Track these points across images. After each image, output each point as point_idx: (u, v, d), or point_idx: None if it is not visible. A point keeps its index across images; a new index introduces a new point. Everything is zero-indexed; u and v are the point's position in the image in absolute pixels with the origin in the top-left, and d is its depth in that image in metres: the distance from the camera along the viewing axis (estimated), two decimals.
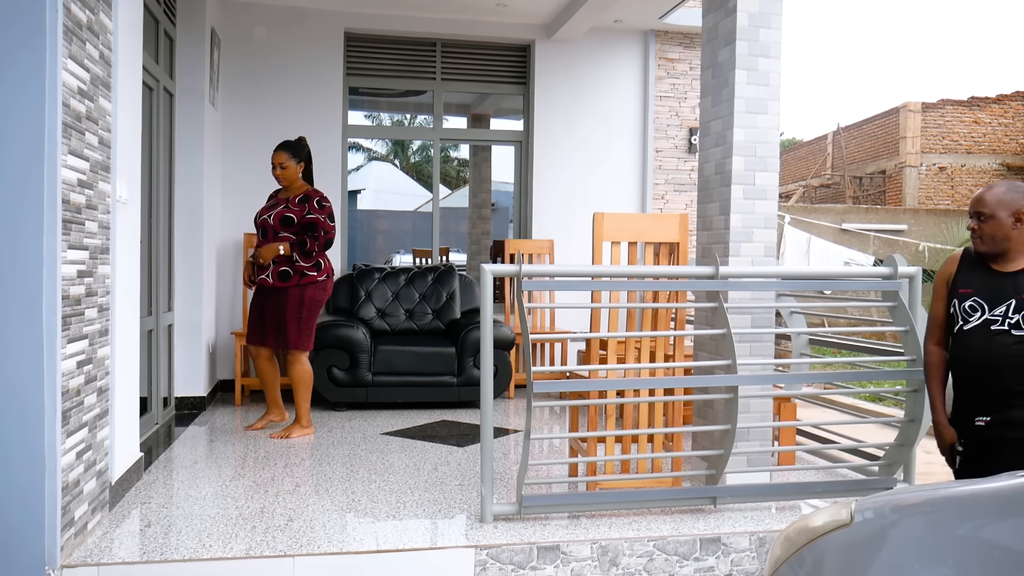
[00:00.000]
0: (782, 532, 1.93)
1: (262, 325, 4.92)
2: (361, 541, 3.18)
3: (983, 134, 18.35)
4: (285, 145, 4.97)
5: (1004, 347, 2.70)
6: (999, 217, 2.73)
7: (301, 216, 4.81)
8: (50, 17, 2.71)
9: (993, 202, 2.75)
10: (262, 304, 4.92)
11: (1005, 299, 2.72)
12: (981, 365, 2.77)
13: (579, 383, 3.74)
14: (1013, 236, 2.75)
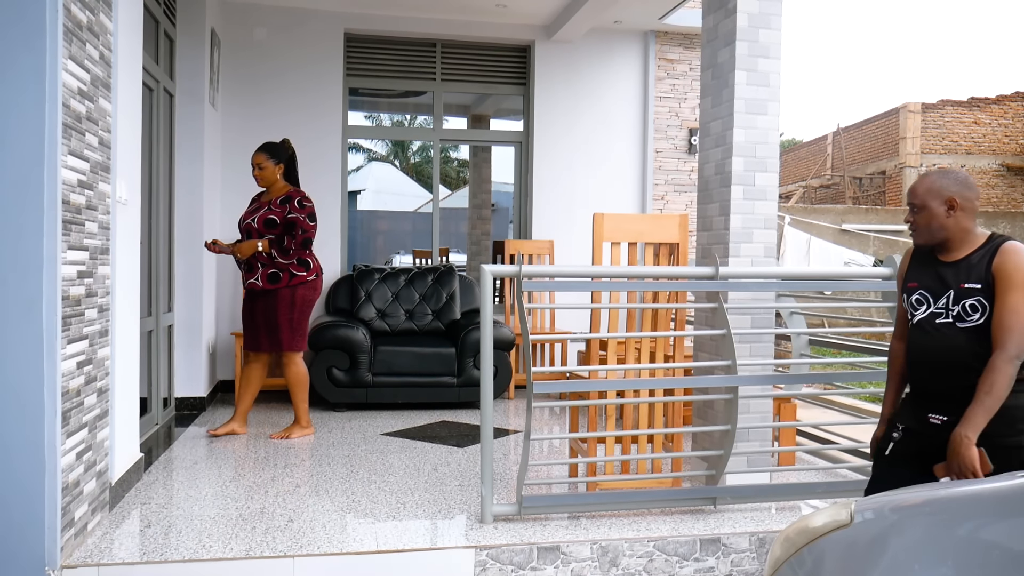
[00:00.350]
0: (782, 532, 1.93)
1: (254, 329, 4.88)
2: (361, 542, 3.18)
3: (983, 135, 18.37)
4: (265, 146, 4.94)
5: (949, 339, 2.57)
6: (931, 207, 2.60)
7: (283, 217, 4.79)
8: (50, 18, 2.71)
9: (924, 192, 2.61)
10: (252, 308, 4.88)
11: (946, 290, 2.59)
12: (928, 358, 2.63)
13: (579, 383, 3.74)
14: (949, 225, 2.59)
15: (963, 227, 2.60)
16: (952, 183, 2.60)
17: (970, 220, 2.60)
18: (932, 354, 2.60)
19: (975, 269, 2.54)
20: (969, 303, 2.54)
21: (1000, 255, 2.50)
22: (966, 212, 2.59)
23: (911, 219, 2.67)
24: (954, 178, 2.62)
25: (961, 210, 2.58)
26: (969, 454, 2.41)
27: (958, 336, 2.55)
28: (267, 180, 4.90)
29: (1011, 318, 2.45)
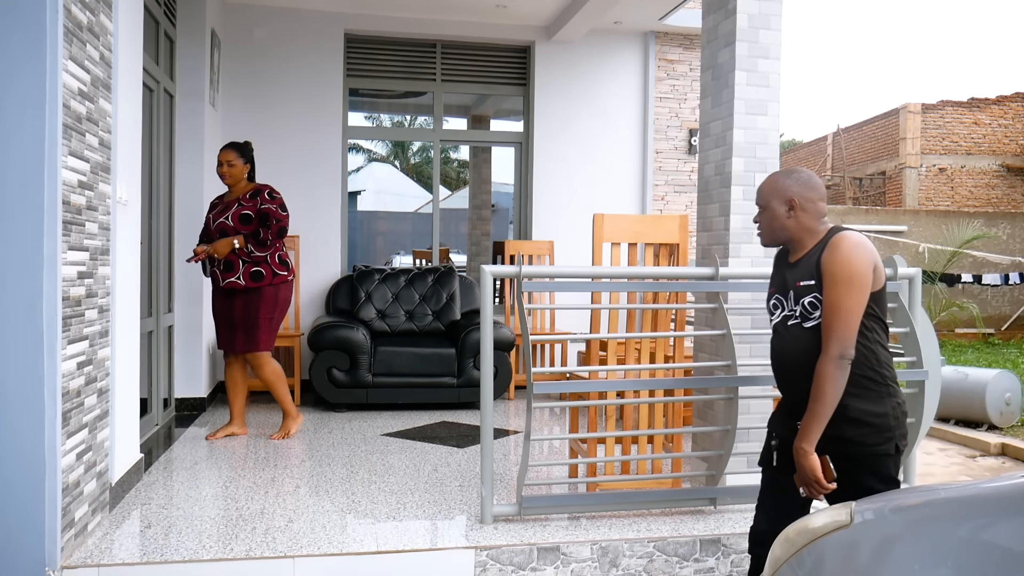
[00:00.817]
0: (782, 533, 1.93)
1: (231, 329, 4.82)
2: (361, 542, 3.18)
3: (983, 135, 18.36)
4: (233, 145, 4.89)
5: (797, 341, 2.48)
6: (773, 207, 2.53)
7: (256, 210, 4.76)
8: (51, 19, 2.71)
9: (766, 192, 2.55)
10: (229, 307, 4.80)
11: (789, 291, 2.51)
12: (783, 362, 2.55)
13: (579, 384, 3.74)
14: (790, 226, 2.52)
15: (805, 227, 2.52)
16: (793, 183, 2.53)
17: (813, 220, 2.52)
18: (785, 357, 2.54)
19: (808, 265, 2.48)
20: (807, 300, 2.45)
21: (827, 250, 2.42)
22: (807, 212, 2.51)
23: (756, 220, 2.62)
24: (796, 178, 2.54)
25: (802, 210, 2.50)
26: (808, 464, 2.35)
27: (804, 336, 2.46)
28: (235, 178, 4.84)
29: (832, 316, 2.35)
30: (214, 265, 4.78)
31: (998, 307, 14.73)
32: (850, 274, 2.36)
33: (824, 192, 2.57)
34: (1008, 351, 12.05)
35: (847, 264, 2.36)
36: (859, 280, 2.36)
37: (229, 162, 4.80)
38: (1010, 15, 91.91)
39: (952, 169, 18.23)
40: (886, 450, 2.40)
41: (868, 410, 2.39)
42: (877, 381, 2.42)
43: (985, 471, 5.96)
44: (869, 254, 2.40)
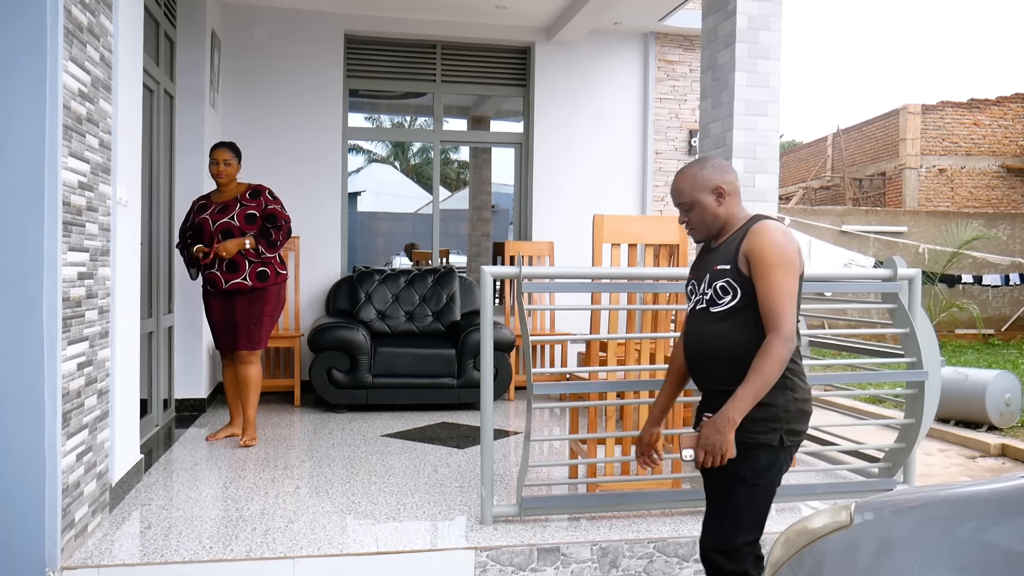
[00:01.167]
0: (782, 534, 1.93)
1: (232, 330, 4.74)
2: (361, 543, 3.18)
3: (983, 136, 18.37)
4: (227, 144, 4.79)
5: (705, 326, 2.45)
6: (702, 201, 2.48)
7: (261, 210, 4.70)
8: (51, 20, 2.71)
9: (689, 188, 2.49)
10: (230, 307, 4.72)
11: (705, 274, 2.48)
12: (693, 350, 2.51)
13: (579, 385, 3.74)
14: (722, 213, 2.49)
15: (732, 212, 2.51)
16: (714, 171, 2.50)
17: (737, 204, 2.52)
18: (694, 344, 2.50)
19: (728, 249, 2.45)
20: (720, 284, 2.42)
21: (749, 237, 2.39)
22: (734, 196, 2.51)
23: (685, 219, 2.55)
24: (712, 166, 2.51)
25: (729, 196, 2.49)
26: (728, 436, 2.27)
27: (710, 321, 2.44)
28: (230, 177, 4.75)
29: (777, 299, 2.31)
30: (214, 267, 4.64)
31: (998, 308, 14.73)
32: (784, 258, 2.35)
33: (737, 172, 2.58)
34: (1008, 352, 12.05)
35: (781, 248, 2.35)
36: (792, 265, 2.37)
37: (226, 161, 4.72)
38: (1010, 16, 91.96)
39: (952, 170, 18.24)
40: (768, 440, 2.35)
41: (764, 399, 2.32)
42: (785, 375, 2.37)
43: (985, 472, 5.96)
44: (795, 243, 2.41)
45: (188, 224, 4.80)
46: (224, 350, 4.87)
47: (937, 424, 7.00)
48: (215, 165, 4.72)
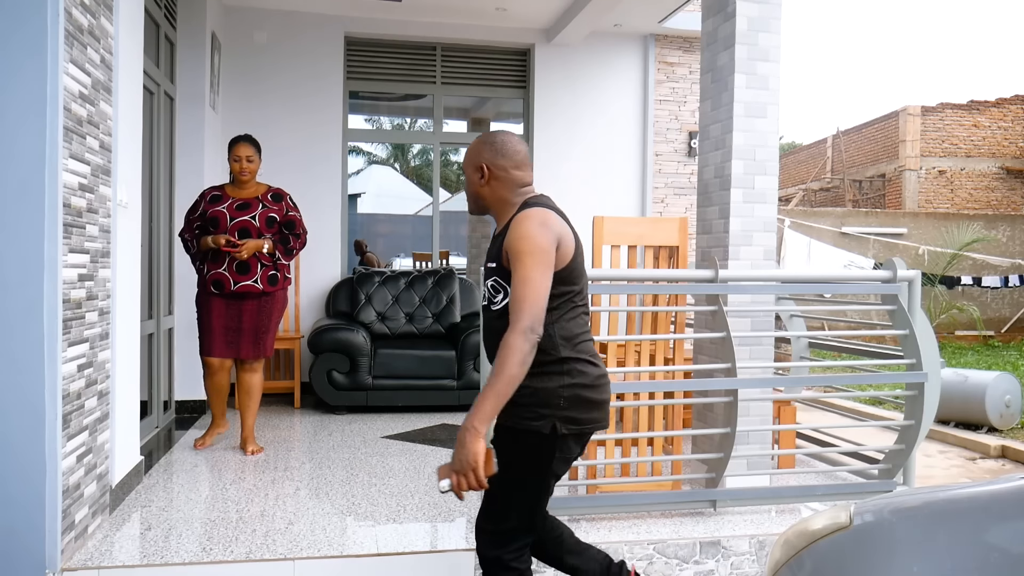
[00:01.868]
0: (782, 535, 1.93)
1: (238, 334, 4.50)
2: (361, 544, 3.18)
3: (982, 137, 18.38)
4: (250, 139, 4.57)
5: (486, 324, 2.40)
6: (468, 175, 2.43)
7: (283, 215, 4.56)
8: (51, 22, 2.71)
9: (465, 159, 2.45)
10: (239, 311, 4.48)
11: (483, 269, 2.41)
12: (487, 347, 2.44)
13: None
14: (485, 194, 2.41)
15: (499, 197, 2.40)
16: (486, 149, 2.40)
17: (506, 190, 2.39)
18: (485, 341, 2.44)
19: (496, 244, 2.38)
20: (490, 284, 2.37)
21: (508, 231, 2.30)
22: (500, 181, 2.40)
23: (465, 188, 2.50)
24: (489, 143, 2.41)
25: (494, 178, 2.40)
26: (473, 448, 2.10)
27: (490, 320, 2.38)
28: (253, 174, 4.55)
29: (521, 289, 2.20)
30: (222, 266, 4.40)
31: (998, 309, 14.73)
32: (532, 248, 2.24)
33: (522, 160, 2.43)
34: (1008, 353, 12.05)
35: (530, 238, 2.25)
36: (543, 256, 2.24)
37: (249, 158, 4.50)
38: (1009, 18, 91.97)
39: (952, 171, 18.25)
40: (539, 427, 2.29)
41: (531, 384, 2.25)
42: (550, 361, 2.30)
43: (985, 473, 5.96)
44: (551, 231, 2.28)
45: (197, 213, 4.52)
46: (222, 356, 4.53)
47: (937, 426, 7.00)
48: (237, 162, 4.49)
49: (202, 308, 4.51)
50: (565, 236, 2.33)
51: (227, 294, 4.44)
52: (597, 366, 2.39)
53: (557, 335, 2.33)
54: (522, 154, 2.45)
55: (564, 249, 2.32)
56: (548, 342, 2.30)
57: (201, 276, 4.51)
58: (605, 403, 2.40)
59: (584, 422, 2.35)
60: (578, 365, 2.34)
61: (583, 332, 2.39)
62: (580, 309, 2.39)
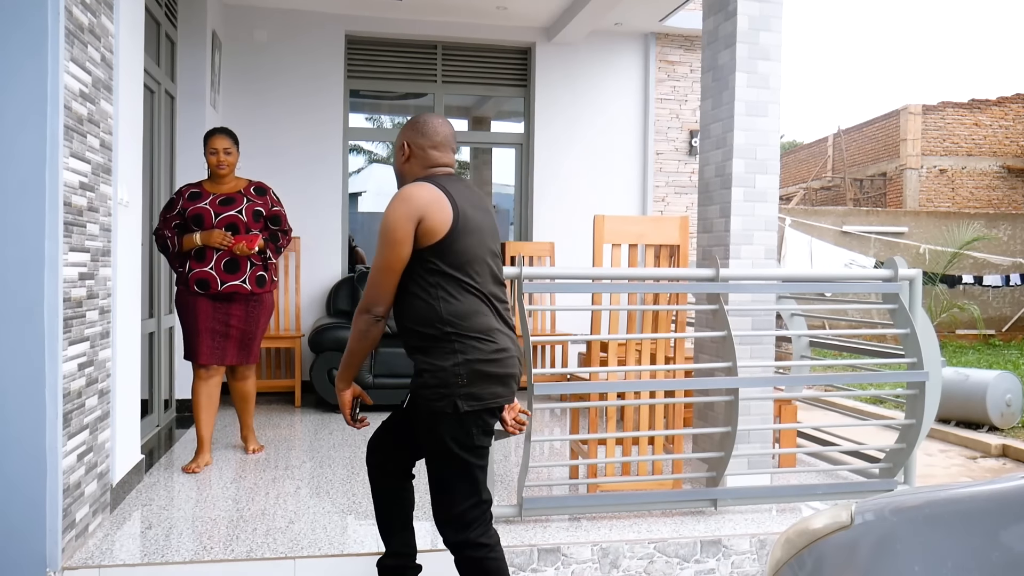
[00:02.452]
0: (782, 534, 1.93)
1: (222, 338, 4.24)
2: (362, 543, 3.18)
3: (984, 136, 18.37)
4: (226, 130, 4.33)
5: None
6: (395, 153, 2.59)
7: (268, 209, 4.34)
8: (52, 20, 2.71)
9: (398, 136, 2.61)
10: (226, 314, 4.22)
11: None
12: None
13: (580, 385, 3.74)
14: (405, 171, 2.56)
15: (414, 175, 2.53)
16: (409, 128, 2.55)
17: (420, 168, 2.53)
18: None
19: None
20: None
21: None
22: (417, 159, 2.52)
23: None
24: (413, 123, 2.55)
25: (414, 156, 2.53)
26: (340, 400, 2.83)
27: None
28: (231, 167, 4.31)
29: (370, 272, 2.43)
30: (207, 265, 4.15)
31: (999, 308, 14.72)
32: (383, 229, 2.37)
33: (441, 141, 2.54)
34: (1009, 352, 12.05)
35: (383, 220, 2.37)
36: (389, 235, 2.36)
37: (226, 150, 4.26)
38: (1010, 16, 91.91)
39: (953, 170, 18.23)
40: (442, 407, 2.37)
41: (430, 363, 2.39)
42: (439, 337, 2.38)
43: (986, 472, 5.96)
44: (410, 208, 2.36)
45: (175, 211, 4.22)
46: (208, 362, 4.23)
47: (938, 425, 7.00)
48: (214, 155, 4.25)
49: (185, 310, 4.22)
50: (433, 212, 2.36)
51: (213, 295, 4.18)
52: (493, 341, 2.43)
53: (444, 313, 2.39)
54: (442, 135, 2.55)
55: (431, 224, 2.36)
56: (436, 320, 2.39)
57: (182, 276, 4.21)
58: (507, 377, 2.46)
59: (485, 398, 2.41)
60: (470, 342, 2.40)
61: (477, 311, 2.43)
62: (471, 288, 2.43)
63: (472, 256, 2.43)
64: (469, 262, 2.42)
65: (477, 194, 2.57)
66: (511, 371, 2.47)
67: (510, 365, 2.47)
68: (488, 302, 2.48)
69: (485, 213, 2.53)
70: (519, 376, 2.54)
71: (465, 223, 2.41)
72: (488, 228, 2.53)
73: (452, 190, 2.43)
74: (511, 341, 2.51)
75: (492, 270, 2.52)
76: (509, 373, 2.46)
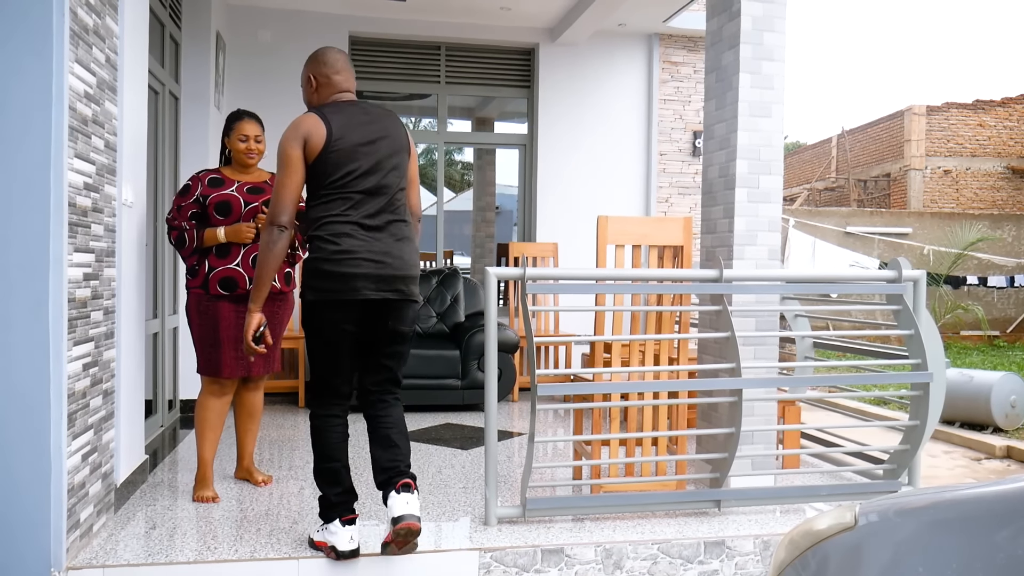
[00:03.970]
0: (786, 535, 1.93)
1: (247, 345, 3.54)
2: (365, 543, 3.19)
3: (988, 137, 18.33)
4: (256, 116, 4.02)
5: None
6: (303, 87, 3.11)
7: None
8: (57, 21, 2.72)
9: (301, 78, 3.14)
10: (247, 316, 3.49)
11: None
12: None
13: (583, 386, 3.74)
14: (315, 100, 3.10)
15: (324, 101, 3.04)
16: (311, 62, 3.08)
17: (330, 94, 3.04)
18: None
19: None
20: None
21: None
22: (325, 87, 3.05)
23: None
24: (314, 58, 3.08)
25: (321, 85, 3.06)
26: (247, 321, 3.01)
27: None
28: (260, 156, 3.96)
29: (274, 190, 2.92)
30: (233, 262, 3.67)
31: (1003, 309, 14.69)
32: (279, 154, 2.91)
33: (341, 66, 3.06)
34: (1013, 353, 12.02)
35: (280, 146, 2.91)
36: (282, 159, 2.90)
37: (257, 137, 3.92)
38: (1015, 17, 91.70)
39: (957, 171, 18.20)
40: (302, 295, 2.94)
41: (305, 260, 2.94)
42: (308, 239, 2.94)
43: (990, 473, 5.95)
44: (298, 131, 2.87)
45: (192, 199, 3.71)
46: (233, 374, 3.70)
47: (942, 426, 6.98)
48: (244, 141, 3.86)
49: (204, 317, 3.66)
50: (314, 133, 2.87)
51: (238, 296, 3.66)
52: (337, 244, 2.87)
53: (309, 217, 2.94)
54: (341, 61, 3.08)
55: (312, 144, 2.87)
56: (306, 225, 2.97)
57: (199, 276, 3.68)
58: (344, 276, 2.86)
59: (324, 291, 2.88)
60: (318, 243, 2.89)
61: (330, 214, 2.88)
62: (335, 195, 2.89)
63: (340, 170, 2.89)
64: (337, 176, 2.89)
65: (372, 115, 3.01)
66: (349, 271, 2.88)
67: (349, 266, 2.88)
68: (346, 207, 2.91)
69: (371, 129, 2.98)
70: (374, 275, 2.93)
71: (339, 141, 2.88)
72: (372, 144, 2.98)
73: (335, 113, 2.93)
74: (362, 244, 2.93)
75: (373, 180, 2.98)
76: (346, 273, 2.88)
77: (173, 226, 3.71)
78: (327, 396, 3.05)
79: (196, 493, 3.72)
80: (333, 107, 2.96)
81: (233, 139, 3.91)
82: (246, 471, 4.02)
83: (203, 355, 3.70)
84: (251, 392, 3.95)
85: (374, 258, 2.89)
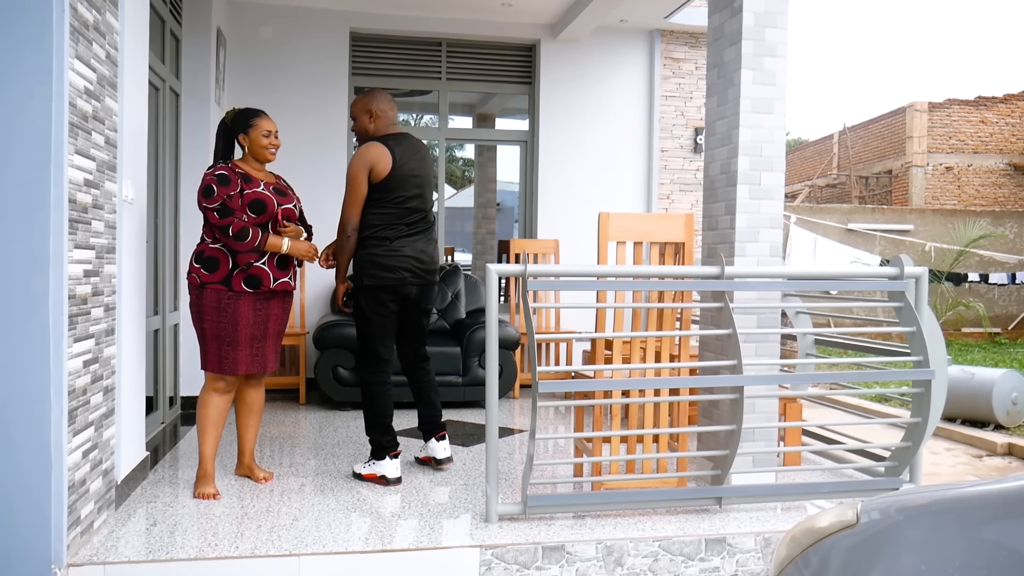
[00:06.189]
0: (787, 532, 1.93)
1: (262, 342, 3.75)
2: (366, 540, 3.19)
3: (990, 134, 18.30)
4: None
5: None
6: (359, 118, 3.98)
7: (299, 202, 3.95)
8: (57, 17, 2.72)
9: (356, 108, 4.00)
10: (266, 314, 3.72)
11: None
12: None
13: (584, 383, 3.73)
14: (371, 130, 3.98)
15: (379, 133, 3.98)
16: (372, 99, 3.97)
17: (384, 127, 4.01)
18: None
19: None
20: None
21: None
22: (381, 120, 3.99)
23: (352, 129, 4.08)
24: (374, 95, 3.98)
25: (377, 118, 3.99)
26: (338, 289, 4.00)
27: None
28: (277, 152, 3.94)
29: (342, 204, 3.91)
30: (260, 259, 3.63)
31: (1005, 306, 14.68)
32: (348, 175, 3.86)
33: (392, 104, 3.99)
34: (1015, 350, 12.02)
35: (349, 169, 3.85)
36: (351, 180, 3.84)
37: (277, 133, 3.91)
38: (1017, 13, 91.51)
39: (959, 168, 18.17)
40: (358, 282, 3.89)
41: (360, 254, 3.88)
42: (363, 239, 3.86)
43: (992, 471, 5.94)
44: (364, 160, 3.80)
45: (236, 189, 3.62)
46: (250, 371, 3.74)
47: (943, 423, 6.98)
48: (267, 137, 3.83)
49: (224, 313, 3.61)
50: (380, 161, 3.80)
51: (263, 292, 3.67)
52: (390, 243, 3.85)
53: (367, 222, 3.86)
54: (391, 100, 4.02)
55: (378, 170, 3.81)
56: (364, 228, 3.87)
57: (220, 272, 3.60)
58: (393, 268, 3.86)
59: (380, 277, 3.85)
60: (373, 241, 3.85)
61: (383, 224, 3.86)
62: (388, 207, 3.86)
63: (398, 190, 3.86)
64: (395, 194, 3.86)
65: (416, 147, 3.97)
66: (400, 264, 3.87)
67: (400, 260, 3.87)
68: (401, 219, 3.91)
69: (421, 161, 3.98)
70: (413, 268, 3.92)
71: (401, 168, 3.84)
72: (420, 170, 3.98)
73: (396, 144, 3.87)
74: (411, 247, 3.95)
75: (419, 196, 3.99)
76: (397, 265, 3.87)
77: (234, 222, 3.57)
78: (379, 364, 3.93)
79: (197, 490, 3.72)
80: (393, 139, 3.87)
81: (254, 135, 3.83)
82: (247, 468, 4.03)
83: (215, 352, 3.65)
84: (253, 389, 3.95)
85: (414, 255, 3.90)
